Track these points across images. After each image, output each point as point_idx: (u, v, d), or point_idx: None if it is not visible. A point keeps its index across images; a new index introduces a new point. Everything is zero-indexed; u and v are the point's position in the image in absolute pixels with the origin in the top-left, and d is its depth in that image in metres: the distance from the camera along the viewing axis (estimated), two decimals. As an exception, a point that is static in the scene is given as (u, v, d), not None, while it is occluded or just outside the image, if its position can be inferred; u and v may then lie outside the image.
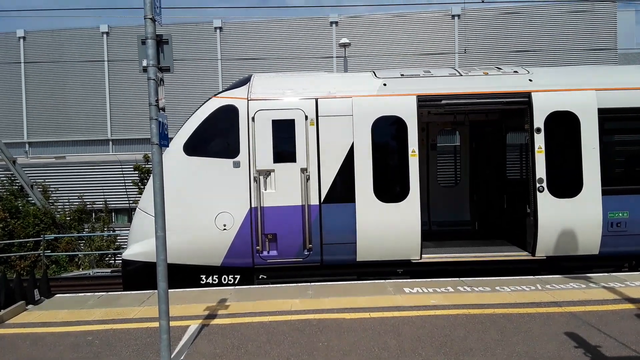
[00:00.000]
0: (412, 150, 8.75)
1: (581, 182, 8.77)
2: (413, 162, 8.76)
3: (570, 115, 8.80)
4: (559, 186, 8.80)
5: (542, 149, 8.77)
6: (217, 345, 5.99)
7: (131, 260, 8.86)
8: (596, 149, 8.77)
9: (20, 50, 28.11)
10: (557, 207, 8.74)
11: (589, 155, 8.77)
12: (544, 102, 8.82)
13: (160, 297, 5.38)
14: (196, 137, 8.83)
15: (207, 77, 27.26)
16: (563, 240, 8.79)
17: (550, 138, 8.80)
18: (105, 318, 7.15)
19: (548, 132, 8.79)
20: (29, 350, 6.09)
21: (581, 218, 8.74)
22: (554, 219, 8.74)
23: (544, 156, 8.78)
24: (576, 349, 5.58)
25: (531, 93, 8.85)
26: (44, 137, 28.12)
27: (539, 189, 8.73)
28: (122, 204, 22.66)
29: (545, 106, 8.81)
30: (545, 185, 8.72)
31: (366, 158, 8.71)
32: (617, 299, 7.21)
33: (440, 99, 8.92)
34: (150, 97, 5.31)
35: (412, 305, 7.18)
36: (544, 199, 8.75)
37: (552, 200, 8.75)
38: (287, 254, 8.79)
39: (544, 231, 8.76)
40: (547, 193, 8.74)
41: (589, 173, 8.76)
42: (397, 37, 27.03)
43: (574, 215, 8.73)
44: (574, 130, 8.81)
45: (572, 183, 8.81)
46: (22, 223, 18.83)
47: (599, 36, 26.34)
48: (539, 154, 8.78)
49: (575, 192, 8.77)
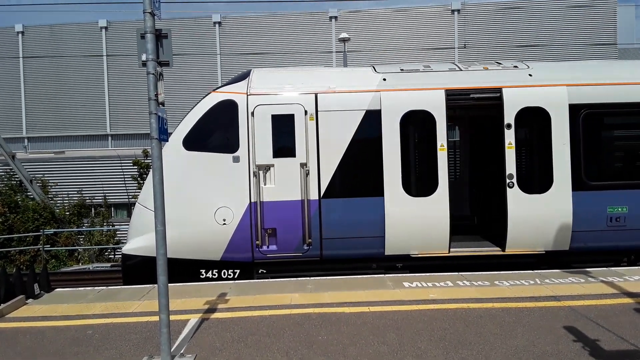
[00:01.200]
0: (440, 144, 8.75)
1: (551, 178, 8.76)
2: (442, 156, 8.77)
3: (540, 111, 8.79)
4: (529, 182, 8.81)
5: (512, 144, 8.77)
6: (217, 339, 6.01)
7: (131, 255, 8.87)
8: (567, 145, 8.76)
9: (18, 45, 28.06)
10: (527, 202, 8.74)
11: (560, 151, 8.77)
12: (514, 97, 8.81)
13: (160, 291, 5.39)
14: (196, 132, 8.82)
15: (206, 71, 27.23)
16: (533, 236, 8.79)
17: (521, 134, 8.80)
18: (105, 312, 7.16)
19: (518, 128, 8.79)
20: (29, 344, 6.10)
21: (551, 214, 8.74)
22: (523, 214, 8.74)
23: (514, 152, 8.78)
24: (575, 342, 5.60)
25: (502, 89, 8.84)
26: (43, 132, 28.12)
27: (508, 184, 8.74)
28: (121, 198, 22.68)
29: (516, 102, 8.81)
30: (515, 181, 8.73)
31: (395, 152, 8.71)
32: (615, 293, 7.23)
33: (468, 92, 8.92)
34: (149, 91, 5.30)
35: (412, 299, 7.19)
36: (514, 194, 8.75)
37: (521, 196, 8.75)
38: (287, 248, 8.80)
39: (514, 227, 8.77)
40: (517, 189, 8.75)
41: (559, 169, 8.75)
42: (397, 32, 27.01)
43: (544, 211, 8.73)
44: (545, 126, 8.80)
45: (542, 179, 8.82)
46: (22, 218, 18.83)
47: (599, 31, 26.33)
48: (509, 150, 8.78)
49: (545, 188, 8.77)
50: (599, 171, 8.96)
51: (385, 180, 8.71)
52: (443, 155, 8.75)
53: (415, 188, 8.86)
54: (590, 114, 8.77)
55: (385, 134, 8.73)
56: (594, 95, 8.80)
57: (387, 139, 8.73)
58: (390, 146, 8.74)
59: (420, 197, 8.75)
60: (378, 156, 8.77)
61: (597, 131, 8.98)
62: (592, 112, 8.78)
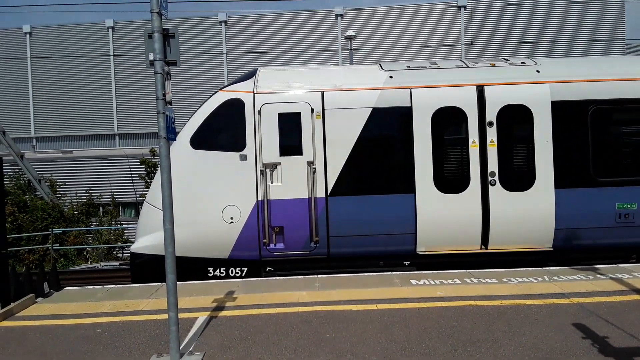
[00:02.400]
0: (472, 140, 8.75)
1: (533, 176, 8.72)
2: (473, 153, 8.76)
3: (522, 108, 8.75)
4: (511, 179, 8.76)
5: (494, 142, 8.73)
6: (225, 337, 6.03)
7: (139, 254, 8.92)
8: (549, 142, 8.72)
9: (26, 46, 28.23)
10: (509, 200, 8.71)
11: (542, 148, 8.72)
12: (496, 95, 8.78)
13: (168, 289, 5.42)
14: (203, 131, 8.85)
15: (212, 71, 27.29)
16: (514, 234, 8.76)
17: (502, 131, 8.76)
18: (114, 310, 7.21)
19: (500, 126, 8.75)
20: (39, 342, 6.16)
21: (533, 212, 8.71)
22: (505, 212, 8.71)
23: (496, 149, 8.75)
24: (584, 339, 5.58)
25: (484, 86, 8.81)
26: (51, 132, 28.28)
27: (490, 182, 8.71)
28: (129, 197, 22.78)
29: (498, 99, 8.77)
30: (497, 178, 8.70)
31: (426, 149, 8.72)
32: (624, 290, 7.19)
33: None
34: (157, 91, 5.32)
35: (419, 296, 7.19)
36: (496, 192, 8.73)
37: (503, 194, 8.72)
38: (294, 246, 8.82)
39: (496, 224, 8.74)
40: (499, 186, 8.71)
41: (542, 166, 8.71)
42: (403, 29, 26.94)
43: (526, 209, 8.70)
44: (527, 124, 8.75)
45: (524, 176, 8.77)
46: (30, 217, 18.97)
47: (607, 27, 26.13)
48: (491, 147, 8.75)
49: (527, 186, 8.74)
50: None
51: (417, 177, 8.72)
52: (475, 152, 8.76)
53: (449, 185, 8.84)
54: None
55: (417, 131, 8.74)
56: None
57: (418, 135, 8.74)
58: (421, 142, 8.75)
59: (452, 194, 8.75)
60: (392, 152, 8.81)
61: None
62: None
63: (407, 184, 8.74)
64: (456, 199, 8.72)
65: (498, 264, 8.84)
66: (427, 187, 8.73)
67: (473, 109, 8.75)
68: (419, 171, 8.72)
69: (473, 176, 8.74)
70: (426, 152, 8.73)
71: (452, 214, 8.71)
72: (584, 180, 8.73)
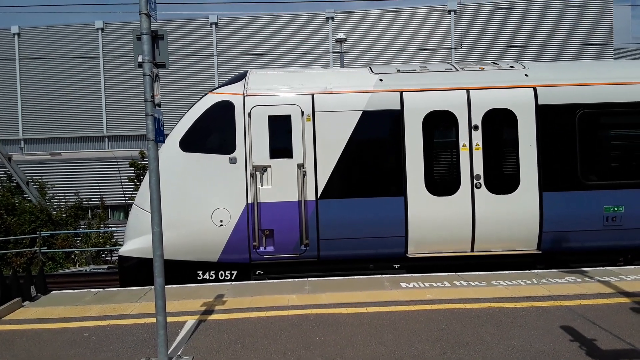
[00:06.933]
0: (462, 144, 8.79)
1: (518, 179, 8.79)
2: (464, 156, 8.80)
3: (507, 112, 8.82)
4: (496, 182, 8.82)
5: (479, 145, 8.81)
6: (214, 340, 6.00)
7: (128, 257, 8.85)
8: (534, 146, 8.79)
9: (14, 47, 27.99)
10: (494, 203, 8.77)
11: (526, 152, 8.79)
12: (481, 99, 8.84)
13: (157, 293, 5.38)
14: (192, 133, 8.81)
15: (202, 73, 27.23)
16: (500, 237, 8.82)
17: (488, 135, 8.83)
18: (102, 314, 7.14)
19: (485, 129, 8.82)
20: (25, 346, 6.08)
21: (518, 214, 8.76)
22: (490, 215, 8.77)
23: (482, 153, 8.81)
24: (572, 342, 5.61)
25: (469, 90, 8.87)
26: (40, 134, 28.06)
27: (476, 185, 8.77)
28: (118, 200, 22.64)
29: (483, 103, 8.84)
30: (482, 181, 8.76)
31: (417, 152, 8.75)
32: (612, 292, 7.25)
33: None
34: (146, 93, 5.29)
35: (409, 299, 7.19)
36: (481, 195, 8.79)
37: (488, 197, 8.78)
38: (284, 249, 8.79)
39: (482, 227, 8.79)
40: (484, 189, 8.77)
41: (526, 170, 8.77)
42: (394, 32, 27.05)
43: (511, 212, 8.75)
44: (511, 128, 8.82)
45: (509, 179, 8.83)
46: (18, 220, 18.78)
47: (595, 31, 26.40)
48: (476, 151, 8.82)
49: (512, 189, 8.79)
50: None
51: (408, 180, 8.74)
52: (465, 155, 8.82)
53: (439, 187, 8.86)
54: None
55: (408, 134, 8.77)
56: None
57: (409, 138, 8.77)
58: (412, 145, 8.77)
59: (443, 197, 8.78)
60: (383, 155, 8.83)
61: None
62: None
63: (397, 186, 8.77)
64: (447, 202, 8.76)
65: (487, 267, 8.87)
66: (418, 190, 8.75)
67: (463, 112, 8.80)
68: (410, 174, 8.74)
69: (464, 179, 8.78)
70: (417, 155, 8.77)
71: (442, 216, 8.74)
72: (571, 183, 8.80)
